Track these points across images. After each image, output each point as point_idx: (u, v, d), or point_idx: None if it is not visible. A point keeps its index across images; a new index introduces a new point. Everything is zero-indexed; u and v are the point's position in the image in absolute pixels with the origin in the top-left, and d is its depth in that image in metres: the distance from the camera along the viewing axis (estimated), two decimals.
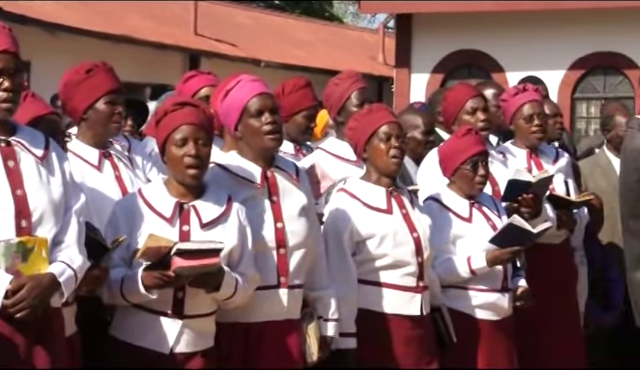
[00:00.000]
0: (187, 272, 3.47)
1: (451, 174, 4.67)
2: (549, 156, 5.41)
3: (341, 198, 4.28)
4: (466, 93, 5.22)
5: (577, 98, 18.08)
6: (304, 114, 5.04)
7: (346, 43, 23.55)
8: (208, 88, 4.92)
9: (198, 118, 3.67)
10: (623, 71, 17.23)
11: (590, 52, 17.61)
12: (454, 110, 5.19)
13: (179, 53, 17.87)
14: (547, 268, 5.19)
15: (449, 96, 5.32)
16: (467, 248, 4.56)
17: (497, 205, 4.80)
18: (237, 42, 19.20)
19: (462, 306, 4.58)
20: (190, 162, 3.62)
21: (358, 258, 4.23)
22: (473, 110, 5.12)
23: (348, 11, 35.29)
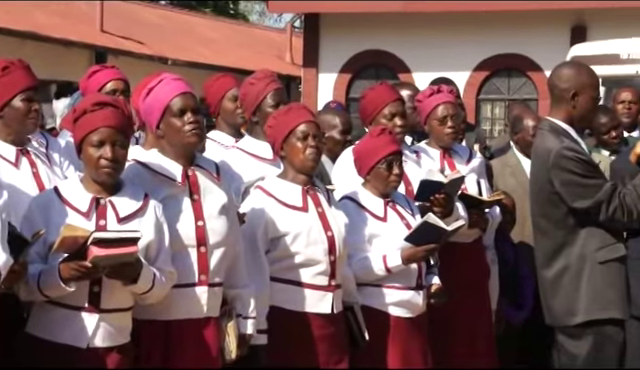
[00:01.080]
0: (104, 262, 3.47)
1: (366, 173, 4.73)
2: (462, 156, 5.52)
3: (257, 196, 4.33)
4: (387, 97, 5.24)
5: (482, 99, 18.40)
6: (228, 96, 5.16)
7: (253, 42, 23.56)
8: (114, 82, 4.93)
9: (117, 120, 3.68)
10: (527, 73, 17.60)
11: (495, 54, 17.93)
12: (372, 111, 5.23)
13: (85, 50, 17.68)
14: (459, 266, 5.28)
15: (369, 95, 5.34)
16: (382, 246, 4.63)
17: (411, 204, 4.87)
18: (144, 40, 19.08)
19: (377, 303, 4.64)
20: (105, 164, 3.65)
21: (272, 255, 4.28)
22: (392, 115, 5.16)
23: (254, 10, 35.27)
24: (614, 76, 10.36)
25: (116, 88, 4.91)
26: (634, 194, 4.50)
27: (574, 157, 4.51)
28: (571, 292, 4.58)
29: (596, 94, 4.60)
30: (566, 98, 4.57)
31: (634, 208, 4.47)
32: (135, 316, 3.77)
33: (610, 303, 4.50)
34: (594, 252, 4.55)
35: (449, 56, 17.41)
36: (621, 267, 4.58)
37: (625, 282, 4.59)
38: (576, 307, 4.57)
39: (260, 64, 20.35)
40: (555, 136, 4.58)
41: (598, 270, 4.54)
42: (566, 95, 4.57)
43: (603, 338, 4.52)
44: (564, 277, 4.60)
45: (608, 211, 4.48)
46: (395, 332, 4.65)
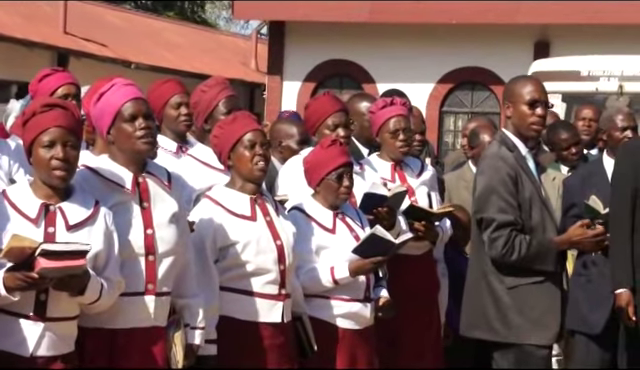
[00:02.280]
0: (52, 273, 3.46)
1: (316, 185, 4.76)
2: (414, 169, 5.56)
3: (205, 205, 4.34)
4: (329, 108, 5.25)
5: (445, 112, 18.50)
6: (171, 103, 5.16)
7: (219, 48, 23.53)
8: (65, 87, 4.91)
9: (67, 121, 3.67)
10: (490, 87, 17.72)
11: (459, 67, 18.04)
12: (315, 122, 5.26)
13: (47, 51, 17.59)
14: (409, 279, 5.33)
15: (312, 106, 5.37)
16: (330, 258, 4.66)
17: (360, 216, 4.90)
18: (107, 42, 19.01)
19: (325, 315, 4.67)
20: (57, 165, 3.62)
21: (221, 265, 4.29)
22: (335, 126, 5.18)
23: (221, 16, 35.23)
24: (574, 92, 10.49)
25: (68, 93, 4.88)
26: (528, 246, 4.52)
27: (502, 168, 4.55)
28: (479, 307, 4.64)
29: (528, 99, 4.64)
30: (509, 110, 4.72)
31: (515, 253, 4.50)
32: (80, 324, 3.76)
33: (519, 328, 4.54)
34: (500, 274, 4.60)
35: (413, 68, 17.50)
36: (535, 290, 4.60)
37: (545, 304, 4.60)
38: (487, 324, 4.62)
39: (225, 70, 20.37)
40: (499, 145, 4.68)
41: (506, 293, 4.60)
42: (505, 106, 4.73)
43: (524, 354, 4.57)
44: (474, 289, 4.66)
45: (494, 233, 4.53)
46: (342, 344, 4.67)
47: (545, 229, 4.65)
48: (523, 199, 4.59)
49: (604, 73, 10.54)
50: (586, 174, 5.99)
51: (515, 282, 4.57)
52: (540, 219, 4.64)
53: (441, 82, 18.51)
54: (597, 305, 5.75)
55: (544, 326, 4.57)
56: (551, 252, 4.58)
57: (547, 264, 4.55)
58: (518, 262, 4.50)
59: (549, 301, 4.61)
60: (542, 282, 4.58)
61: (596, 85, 10.52)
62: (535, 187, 4.66)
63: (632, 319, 5.25)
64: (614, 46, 13.00)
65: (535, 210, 4.63)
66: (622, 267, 5.30)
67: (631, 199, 5.33)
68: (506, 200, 4.54)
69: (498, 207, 4.54)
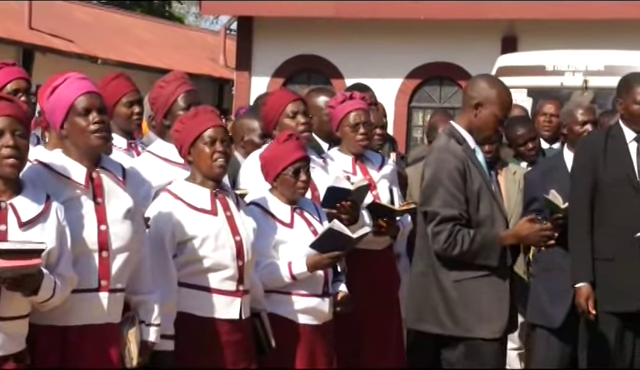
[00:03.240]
0: (5, 273, 3.40)
1: (273, 179, 4.74)
2: (374, 163, 5.56)
3: (164, 199, 4.31)
4: (286, 98, 5.28)
5: (414, 107, 18.54)
6: (124, 101, 5.10)
7: (187, 44, 23.45)
8: (15, 82, 4.81)
9: (14, 111, 3.62)
10: (458, 82, 17.76)
11: (427, 62, 18.08)
12: (275, 114, 5.24)
13: (12, 47, 17.47)
14: (370, 274, 5.33)
15: (269, 100, 5.38)
16: (288, 253, 4.64)
17: (319, 210, 4.89)
18: (74, 38, 18.89)
19: (283, 311, 4.65)
20: (8, 153, 3.56)
21: (179, 260, 4.25)
22: (293, 114, 5.17)
23: (191, 12, 35.13)
24: (539, 87, 10.51)
25: (17, 88, 4.75)
26: (470, 241, 4.48)
27: (450, 161, 4.53)
28: (427, 300, 4.62)
29: (501, 114, 4.62)
30: (470, 106, 4.65)
31: (457, 248, 4.47)
32: (31, 321, 3.70)
33: (466, 322, 4.52)
34: (447, 267, 4.56)
35: (382, 63, 17.52)
36: (481, 284, 4.56)
37: (491, 298, 4.57)
38: (434, 317, 4.60)
39: (193, 66, 20.32)
40: (447, 138, 4.65)
41: (453, 287, 4.57)
42: (471, 103, 4.64)
43: (472, 348, 4.55)
44: (422, 281, 4.64)
45: (437, 227, 4.50)
46: (301, 339, 4.65)
47: (494, 223, 4.62)
48: (471, 192, 4.57)
49: (569, 68, 10.58)
50: (547, 168, 6.01)
51: (461, 276, 4.54)
52: (489, 213, 4.61)
53: (409, 77, 18.54)
54: (557, 299, 5.78)
55: (490, 319, 4.54)
56: (495, 247, 4.54)
57: (490, 259, 4.52)
58: (460, 257, 4.49)
59: (495, 294, 4.57)
60: (488, 276, 4.55)
61: (561, 80, 10.55)
62: (484, 180, 4.62)
63: (592, 313, 5.28)
64: (581, 41, 13.05)
65: (483, 203, 4.60)
66: (581, 261, 5.32)
67: (590, 193, 5.35)
68: (452, 194, 4.52)
69: (443, 200, 4.52)
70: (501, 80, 4.83)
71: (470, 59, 16.56)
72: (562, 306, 5.75)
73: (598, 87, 9.82)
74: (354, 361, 5.31)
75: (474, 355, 4.56)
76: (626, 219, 5.27)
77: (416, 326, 4.72)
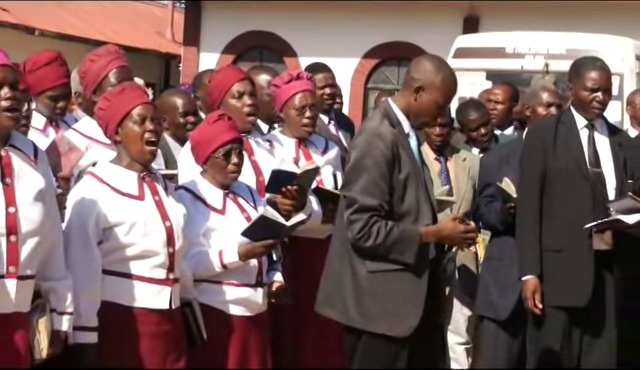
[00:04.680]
0: None
1: (203, 162, 4.71)
2: (318, 147, 5.54)
3: (88, 183, 4.26)
4: (233, 76, 5.22)
5: (370, 88, 18.55)
6: (48, 95, 5.01)
7: (133, 16, 23.29)
8: None
9: None
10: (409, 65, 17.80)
11: (385, 41, 18.09)
12: (219, 93, 5.19)
13: None
14: (312, 262, 5.28)
15: (215, 78, 5.31)
16: (220, 241, 4.61)
17: (254, 195, 4.85)
18: (8, 7, 18.66)
19: (214, 301, 4.62)
20: None
21: (104, 247, 4.20)
22: (240, 94, 5.14)
23: None
24: (499, 70, 10.54)
25: None
26: (386, 235, 4.39)
27: (378, 146, 4.44)
28: (338, 287, 4.56)
29: (442, 102, 4.49)
30: (411, 87, 4.49)
31: (370, 240, 4.37)
32: None
33: (372, 315, 4.45)
34: (363, 256, 4.49)
35: (338, 42, 17.50)
36: (396, 278, 4.49)
37: (404, 294, 4.49)
38: (342, 305, 4.54)
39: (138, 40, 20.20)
40: (381, 119, 4.52)
41: (366, 278, 4.49)
42: (413, 84, 4.49)
43: (372, 343, 4.51)
44: (337, 266, 4.58)
45: (354, 215, 4.41)
46: (233, 331, 4.64)
47: (419, 214, 4.50)
48: (397, 181, 4.45)
49: (530, 51, 10.60)
50: (504, 154, 6.03)
51: (376, 267, 4.45)
52: (415, 204, 4.49)
53: (366, 57, 18.55)
54: (505, 290, 5.84)
55: (398, 317, 4.44)
56: (412, 243, 4.42)
57: (406, 256, 4.41)
58: (373, 249, 4.39)
59: (409, 291, 4.46)
60: (404, 270, 4.44)
61: (521, 63, 10.57)
62: (414, 169, 4.50)
63: (538, 307, 5.32)
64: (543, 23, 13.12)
65: (409, 194, 4.48)
66: (529, 253, 5.36)
67: (539, 182, 5.38)
68: (375, 182, 4.41)
69: (364, 188, 4.41)
70: (449, 64, 4.70)
71: (430, 39, 16.57)
72: (510, 298, 5.81)
73: (559, 71, 9.84)
74: (293, 350, 5.31)
75: (371, 350, 4.48)
76: (575, 209, 5.31)
77: (323, 311, 4.65)
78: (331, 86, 7.14)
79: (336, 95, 7.29)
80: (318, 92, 7.15)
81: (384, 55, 18.50)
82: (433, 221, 4.59)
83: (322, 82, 7.21)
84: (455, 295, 6.41)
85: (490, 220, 5.84)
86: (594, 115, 5.42)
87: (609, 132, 5.49)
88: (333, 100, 7.23)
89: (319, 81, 7.20)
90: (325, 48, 16.95)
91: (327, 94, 7.18)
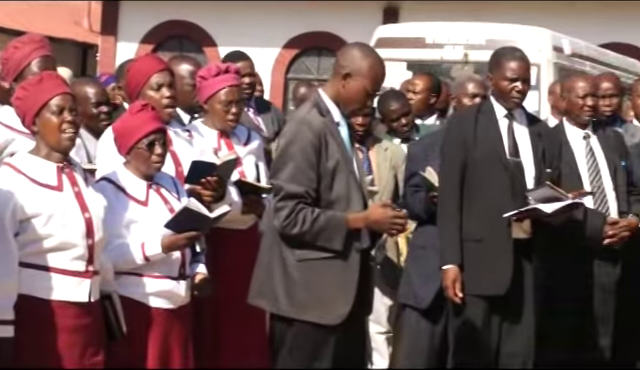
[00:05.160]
0: None
1: (126, 153, 4.67)
2: (240, 138, 5.54)
3: (5, 173, 4.19)
4: (152, 67, 5.18)
5: (290, 78, 18.57)
6: None
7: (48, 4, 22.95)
8: None
9: None
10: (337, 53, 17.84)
11: (305, 32, 18.13)
12: (137, 84, 5.15)
13: None
14: (233, 253, 5.33)
15: (133, 68, 5.27)
16: (142, 232, 4.58)
17: (177, 187, 4.83)
18: None
19: (135, 293, 4.59)
20: None
21: (21, 239, 4.14)
22: (158, 86, 5.10)
23: None
24: (419, 60, 10.62)
25: None
26: (312, 222, 4.43)
27: (306, 135, 4.48)
28: (268, 276, 4.59)
29: (371, 88, 4.54)
30: (339, 75, 4.54)
31: (297, 227, 4.42)
32: None
33: (302, 304, 4.49)
34: (292, 245, 4.53)
35: (258, 31, 17.49)
36: (325, 267, 4.53)
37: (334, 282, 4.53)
38: (272, 295, 4.57)
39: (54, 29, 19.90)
40: (310, 107, 4.57)
41: (296, 267, 4.52)
42: (341, 72, 4.53)
43: (302, 332, 4.55)
44: (268, 256, 4.62)
45: (280, 202, 4.46)
46: (154, 324, 4.61)
47: (349, 203, 4.54)
48: (325, 170, 4.49)
49: (449, 41, 10.69)
50: (430, 143, 6.07)
51: (305, 255, 4.49)
52: (345, 192, 4.54)
53: (287, 47, 18.58)
54: (427, 279, 5.90)
55: (328, 304, 4.49)
56: (339, 230, 4.46)
57: (333, 242, 4.46)
58: (299, 236, 4.44)
59: (340, 279, 4.51)
60: (334, 258, 4.49)
61: (441, 53, 10.66)
62: (343, 157, 4.54)
63: (458, 296, 5.38)
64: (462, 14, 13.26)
65: (339, 182, 4.53)
66: (449, 242, 5.41)
67: (460, 171, 5.44)
68: (302, 169, 4.46)
69: (291, 175, 4.46)
70: (377, 51, 4.75)
71: (350, 30, 16.65)
72: (431, 287, 5.88)
73: (479, 61, 9.96)
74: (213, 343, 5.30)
75: (300, 338, 4.51)
76: (495, 199, 5.37)
77: (254, 301, 4.68)
78: (250, 75, 7.14)
79: (255, 84, 7.30)
80: None
81: (304, 45, 18.53)
82: (364, 209, 4.62)
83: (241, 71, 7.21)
84: (376, 284, 6.45)
85: (415, 209, 5.90)
86: (513, 105, 5.50)
87: (528, 122, 5.57)
88: (252, 89, 7.24)
89: None
90: (245, 38, 16.93)
91: (246, 83, 7.19)
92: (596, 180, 5.86)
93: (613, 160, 5.93)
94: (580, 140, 5.95)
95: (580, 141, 5.95)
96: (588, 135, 5.97)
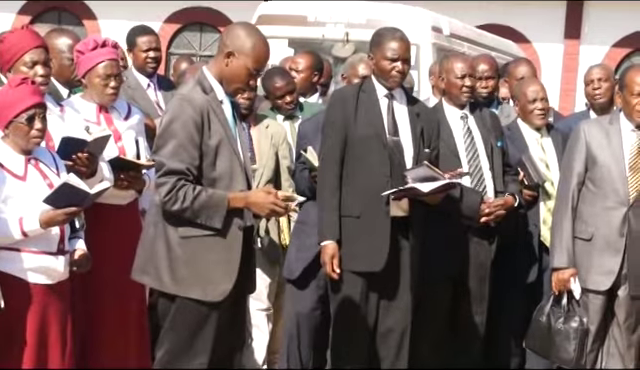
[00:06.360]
0: None
1: (5, 127, 4.60)
2: (121, 112, 5.51)
3: None
4: (27, 43, 5.06)
5: (172, 53, 18.42)
6: None
7: None
8: None
9: None
10: (219, 29, 17.77)
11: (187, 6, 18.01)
12: (10, 58, 5.05)
13: None
14: (112, 229, 5.31)
15: (8, 40, 5.12)
16: (20, 208, 4.52)
17: (57, 162, 4.78)
18: None
19: (12, 269, 4.55)
20: None
21: None
22: (33, 63, 5.01)
23: None
24: (300, 38, 10.64)
25: None
26: (193, 199, 4.46)
27: (188, 111, 4.50)
28: (151, 256, 4.61)
29: (252, 67, 4.58)
30: (223, 53, 4.59)
31: (177, 203, 4.46)
32: None
33: (185, 280, 4.53)
34: (176, 222, 4.54)
35: (139, 5, 17.30)
36: (208, 243, 4.56)
37: (217, 259, 4.56)
38: (155, 271, 4.60)
39: None
40: (194, 85, 4.61)
41: (179, 243, 4.55)
42: (224, 50, 4.59)
43: (183, 308, 4.58)
44: (152, 232, 4.64)
45: (161, 178, 4.49)
46: (32, 299, 4.57)
47: (232, 180, 4.59)
48: (208, 147, 4.53)
49: (331, 19, 10.73)
50: (320, 121, 6.09)
51: (188, 232, 4.53)
52: (228, 170, 4.58)
53: (168, 22, 18.42)
54: (303, 252, 5.97)
55: (211, 282, 4.53)
56: (220, 209, 4.50)
57: (214, 220, 4.50)
58: (180, 213, 4.48)
59: (222, 257, 4.56)
60: (217, 236, 4.54)
61: (322, 31, 10.70)
62: (227, 136, 4.58)
63: (336, 271, 5.44)
64: None
65: (222, 159, 4.57)
66: (328, 219, 5.46)
67: (340, 148, 5.49)
68: (183, 146, 4.49)
69: (173, 152, 4.48)
70: (261, 31, 4.78)
71: (232, 6, 16.62)
72: (304, 259, 5.98)
73: (359, 40, 10.04)
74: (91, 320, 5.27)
75: (183, 313, 4.55)
76: (374, 176, 5.43)
77: (138, 277, 4.69)
78: (155, 50, 7.09)
79: (159, 59, 7.25)
80: (141, 55, 7.12)
81: (186, 20, 18.41)
82: (248, 188, 4.67)
83: (146, 45, 7.16)
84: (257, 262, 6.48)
85: (301, 187, 5.97)
86: (394, 84, 5.56)
87: (408, 102, 5.65)
88: (157, 64, 7.19)
89: (143, 44, 7.16)
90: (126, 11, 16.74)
91: (150, 57, 7.14)
92: (473, 159, 5.98)
93: (489, 140, 6.05)
94: (458, 120, 6.05)
95: (458, 121, 6.05)
96: (466, 115, 6.07)
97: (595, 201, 5.79)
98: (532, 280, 6.28)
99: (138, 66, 7.16)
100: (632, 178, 5.75)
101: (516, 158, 6.23)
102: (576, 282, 5.79)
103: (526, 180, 6.21)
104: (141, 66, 7.14)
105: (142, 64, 7.13)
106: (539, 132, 6.45)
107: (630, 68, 6.03)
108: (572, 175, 5.83)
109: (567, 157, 5.93)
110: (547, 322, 5.84)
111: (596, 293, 5.81)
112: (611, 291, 5.81)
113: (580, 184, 5.83)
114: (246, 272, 4.68)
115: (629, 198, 5.73)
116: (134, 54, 7.19)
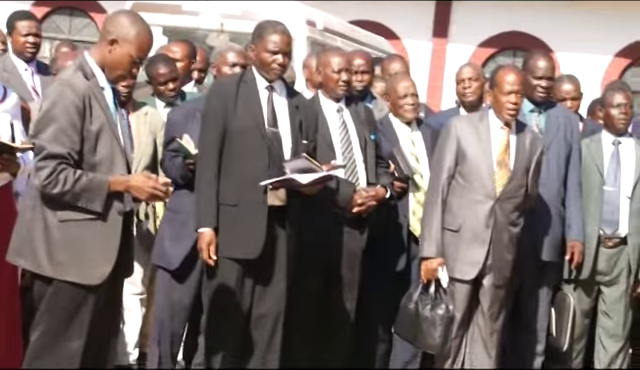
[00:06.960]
0: None
1: None
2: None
3: None
4: None
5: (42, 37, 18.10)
6: None
7: None
8: None
9: None
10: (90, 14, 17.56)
11: None
12: None
13: None
14: None
15: None
16: None
17: None
18: None
19: None
20: None
21: None
22: None
23: None
24: (175, 27, 10.64)
25: None
26: (74, 182, 4.49)
27: (69, 96, 4.51)
28: (28, 239, 4.61)
29: (135, 55, 4.62)
30: (106, 40, 4.64)
31: (58, 187, 4.48)
32: None
33: (63, 264, 4.55)
34: (54, 205, 4.56)
35: None
36: (87, 227, 4.59)
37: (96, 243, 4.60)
38: (32, 254, 4.58)
39: None
40: (74, 70, 4.63)
41: (57, 227, 4.57)
42: (107, 37, 4.63)
43: (59, 291, 4.58)
44: (29, 215, 4.63)
45: (41, 162, 4.51)
46: None
47: (113, 165, 4.63)
48: (89, 132, 4.57)
49: (206, 9, 10.77)
50: (191, 109, 6.13)
51: (67, 216, 4.55)
52: (108, 155, 4.62)
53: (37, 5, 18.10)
54: (178, 241, 6.01)
55: (89, 265, 4.58)
56: (101, 192, 4.55)
57: (94, 204, 4.54)
58: (60, 196, 4.50)
59: (101, 240, 4.60)
60: (96, 220, 4.58)
61: (197, 21, 10.72)
62: (108, 121, 4.62)
63: (212, 258, 5.51)
64: None
65: (103, 145, 4.61)
66: (206, 207, 5.53)
67: (219, 138, 5.56)
68: (64, 130, 4.51)
69: (53, 136, 4.51)
70: (144, 20, 4.81)
71: None
72: (182, 248, 6.01)
73: (234, 31, 10.11)
74: None
75: (59, 296, 4.57)
76: (252, 166, 5.51)
77: (13, 260, 4.68)
78: (34, 35, 7.02)
79: (39, 44, 7.18)
80: (20, 39, 7.03)
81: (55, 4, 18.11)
82: (128, 173, 4.71)
83: (25, 30, 7.08)
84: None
85: (172, 174, 5.95)
86: (274, 77, 5.66)
87: (288, 94, 5.75)
88: (36, 49, 7.11)
89: (22, 28, 7.08)
90: None
91: (30, 42, 7.06)
92: (347, 152, 6.12)
93: (363, 133, 6.20)
94: (334, 113, 6.18)
95: (334, 114, 6.18)
96: (341, 108, 6.21)
97: (464, 194, 6.03)
98: (401, 269, 6.47)
99: (17, 50, 7.09)
100: (499, 173, 6.01)
101: (388, 151, 6.41)
102: (444, 271, 6.01)
103: (397, 172, 6.39)
104: (20, 50, 7.08)
105: (21, 48, 7.08)
106: (409, 126, 6.64)
107: (501, 68, 6.29)
108: (443, 169, 6.05)
109: (438, 151, 6.14)
110: (415, 309, 6.04)
111: (462, 282, 6.05)
112: (476, 280, 6.06)
113: (450, 178, 6.06)
114: (124, 256, 4.73)
115: (496, 192, 6.00)
116: (13, 38, 7.13)
